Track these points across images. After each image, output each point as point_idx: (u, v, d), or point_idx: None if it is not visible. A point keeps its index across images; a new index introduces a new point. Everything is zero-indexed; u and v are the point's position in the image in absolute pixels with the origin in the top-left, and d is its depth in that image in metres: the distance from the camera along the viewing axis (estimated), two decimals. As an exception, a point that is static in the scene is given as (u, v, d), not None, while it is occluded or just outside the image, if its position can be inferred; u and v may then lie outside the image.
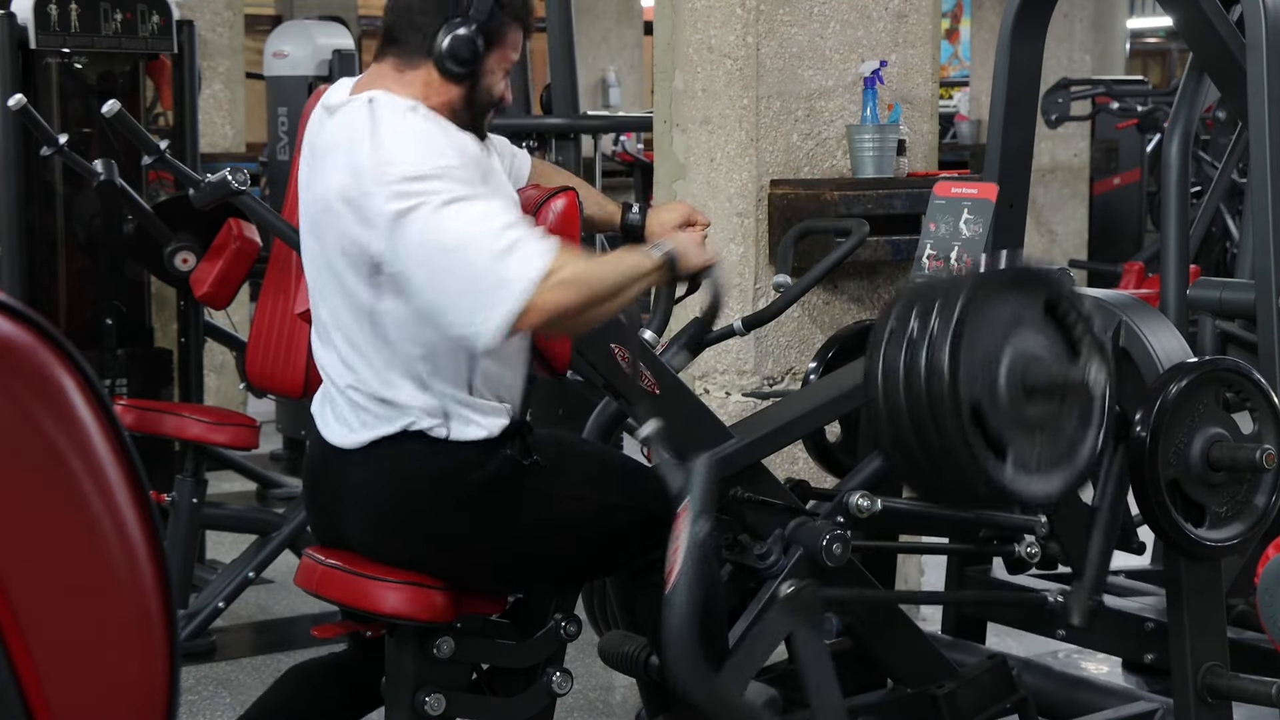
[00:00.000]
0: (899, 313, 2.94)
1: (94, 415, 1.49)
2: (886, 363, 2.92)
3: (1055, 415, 2.94)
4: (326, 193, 2.81)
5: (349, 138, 2.79)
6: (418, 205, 2.68)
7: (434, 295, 2.71)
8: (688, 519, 2.72)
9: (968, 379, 2.86)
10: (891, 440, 2.95)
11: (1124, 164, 11.17)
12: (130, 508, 1.50)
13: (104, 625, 1.50)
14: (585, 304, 2.73)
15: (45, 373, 1.47)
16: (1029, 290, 2.95)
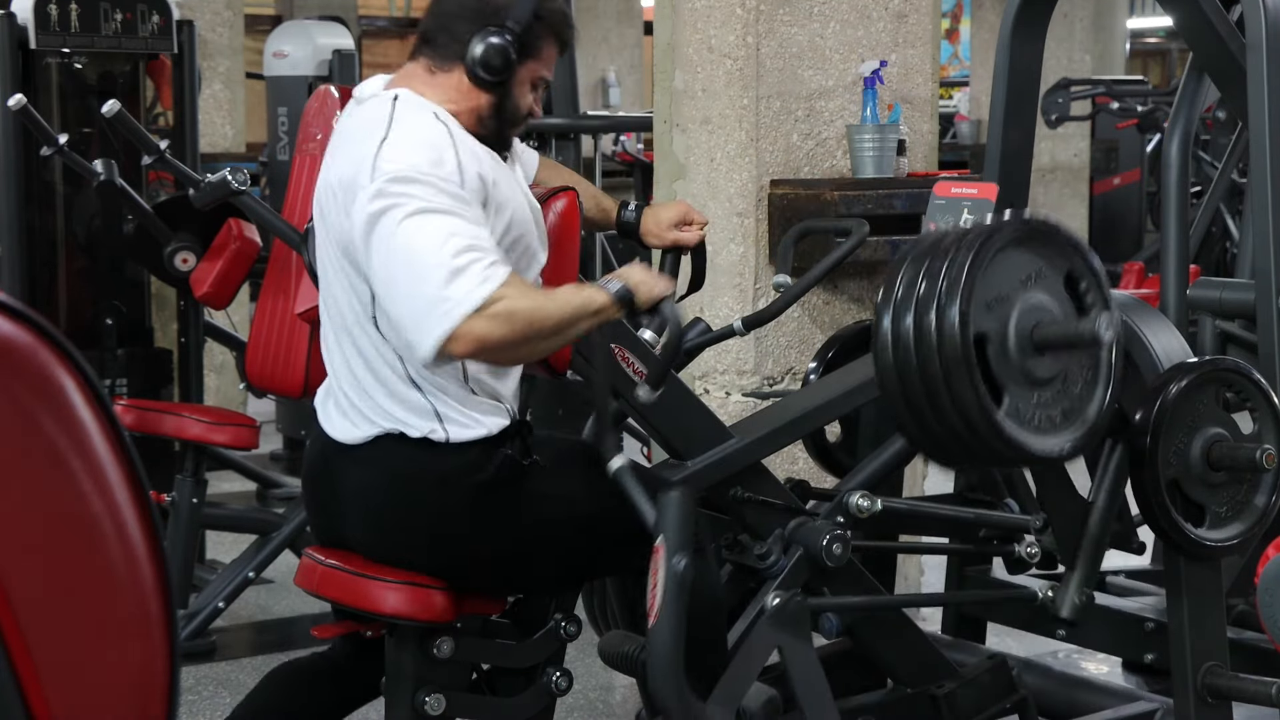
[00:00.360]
0: (917, 250, 2.93)
1: (94, 415, 1.49)
2: (900, 292, 2.89)
3: (1063, 372, 2.94)
4: (330, 179, 2.83)
5: (366, 130, 2.80)
6: (390, 208, 2.67)
7: (388, 300, 2.71)
8: (664, 556, 2.68)
9: (977, 311, 2.84)
10: (896, 376, 2.91)
11: (1124, 164, 11.17)
12: (130, 508, 1.50)
13: (104, 625, 1.50)
14: (518, 339, 2.68)
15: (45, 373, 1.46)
16: (1053, 251, 2.95)
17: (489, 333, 2.63)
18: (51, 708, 1.46)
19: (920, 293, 2.87)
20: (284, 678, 3.14)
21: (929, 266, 2.88)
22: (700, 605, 3.02)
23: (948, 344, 2.83)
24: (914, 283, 2.88)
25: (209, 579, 4.85)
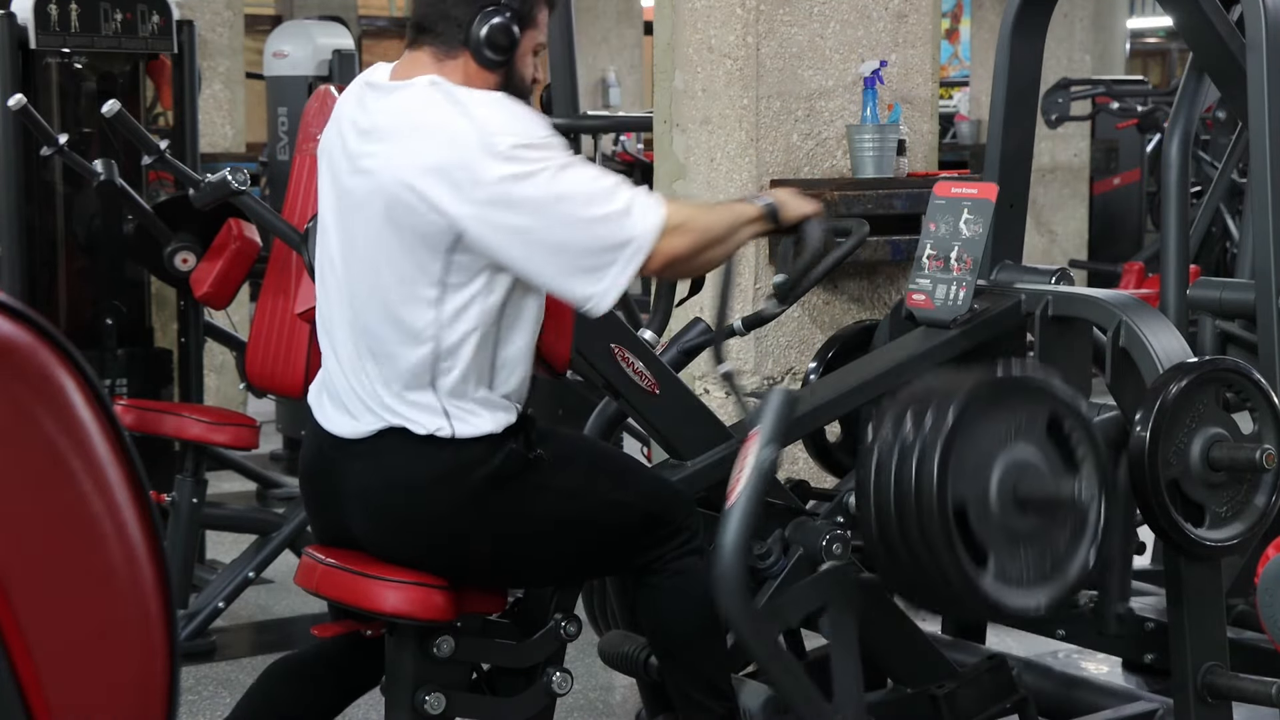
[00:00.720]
0: (896, 409, 2.96)
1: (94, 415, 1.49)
2: (879, 457, 2.94)
3: (1046, 529, 2.96)
4: (393, 174, 2.78)
5: (434, 116, 2.78)
6: (538, 170, 2.73)
7: (548, 256, 2.76)
8: (756, 444, 2.81)
9: (956, 479, 2.88)
10: (877, 536, 2.96)
11: (1124, 164, 11.16)
12: (130, 508, 1.50)
13: (104, 625, 1.50)
14: (698, 247, 2.87)
15: (45, 373, 1.47)
16: (1031, 401, 2.98)
17: (675, 248, 2.82)
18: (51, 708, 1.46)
19: (897, 465, 2.91)
20: (281, 674, 3.14)
21: (906, 437, 2.90)
22: (699, 605, 3.02)
23: (927, 519, 2.87)
24: (891, 450, 2.92)
25: (209, 579, 4.85)
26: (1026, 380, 2.99)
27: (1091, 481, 2.97)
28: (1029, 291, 3.57)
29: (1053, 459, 2.98)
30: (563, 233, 2.75)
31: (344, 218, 2.90)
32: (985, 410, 2.91)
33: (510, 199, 2.72)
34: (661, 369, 3.23)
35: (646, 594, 3.04)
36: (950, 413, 2.87)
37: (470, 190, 2.72)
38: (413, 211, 2.77)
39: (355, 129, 2.90)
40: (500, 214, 2.73)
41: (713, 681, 3.06)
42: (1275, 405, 3.33)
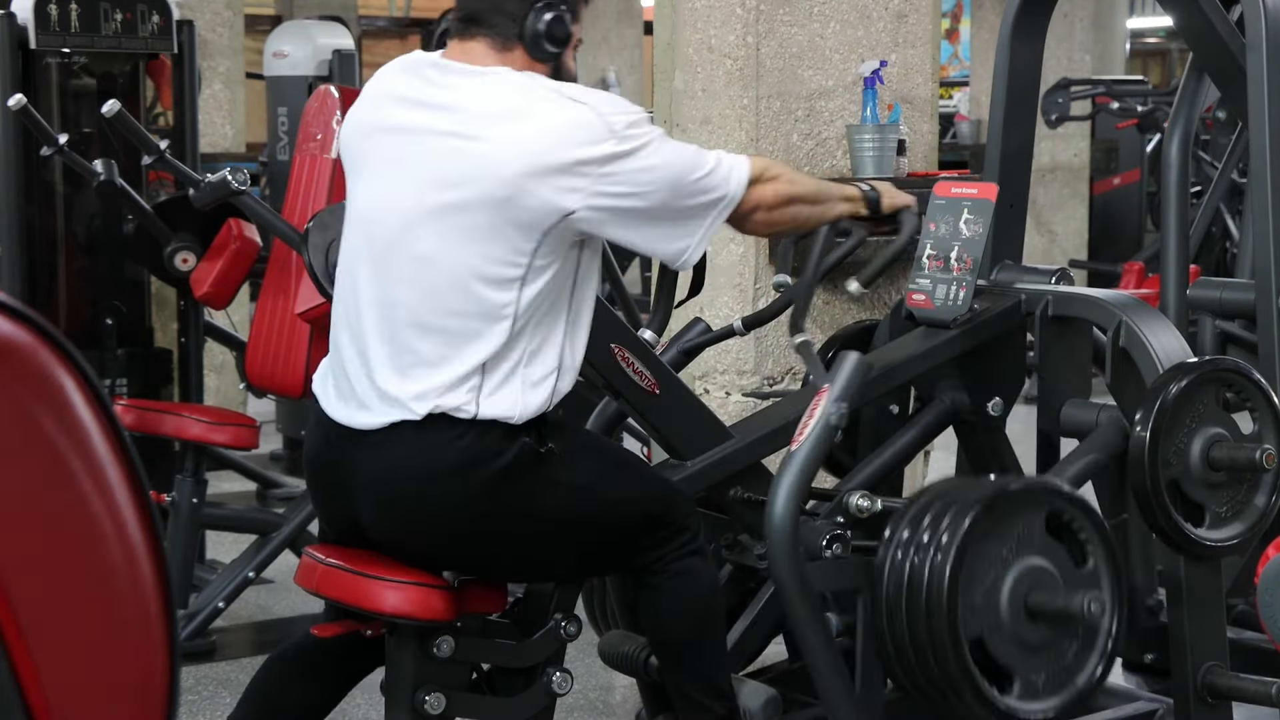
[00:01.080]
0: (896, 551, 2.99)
1: (94, 415, 1.49)
2: (889, 600, 2.98)
3: (1057, 639, 2.99)
4: (504, 162, 2.80)
5: (539, 110, 2.84)
6: (647, 143, 2.86)
7: (655, 222, 2.90)
8: (827, 398, 2.95)
9: (967, 615, 2.91)
10: (900, 670, 3.01)
11: (1124, 164, 11.16)
12: (130, 508, 1.50)
13: (104, 625, 1.50)
14: (786, 198, 3.08)
15: (45, 373, 1.46)
16: (1027, 508, 2.99)
17: (763, 195, 3.03)
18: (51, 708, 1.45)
19: (908, 613, 2.94)
20: (283, 664, 3.13)
21: (915, 581, 2.93)
22: (699, 606, 3.02)
23: (944, 662, 2.91)
24: (900, 597, 2.95)
25: (209, 579, 4.85)
26: (1018, 492, 3.01)
27: (1103, 582, 3.02)
28: (1029, 291, 3.57)
29: (1060, 558, 3.01)
30: (669, 197, 2.89)
31: (409, 196, 2.88)
32: (983, 539, 2.94)
33: (627, 175, 2.84)
34: (661, 369, 3.23)
35: (647, 595, 3.04)
36: (950, 558, 2.90)
37: (592, 174, 2.81)
38: (525, 198, 2.80)
39: (422, 106, 2.91)
40: (617, 191, 2.84)
41: (712, 682, 3.06)
42: (1275, 405, 3.34)
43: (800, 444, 2.96)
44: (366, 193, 2.98)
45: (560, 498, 2.91)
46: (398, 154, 2.92)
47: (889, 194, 3.31)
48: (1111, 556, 3.04)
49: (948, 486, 3.06)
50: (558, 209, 2.80)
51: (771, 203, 3.05)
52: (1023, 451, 3.77)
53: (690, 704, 3.06)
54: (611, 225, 2.88)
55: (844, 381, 2.98)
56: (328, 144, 4.59)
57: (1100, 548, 3.03)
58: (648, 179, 2.86)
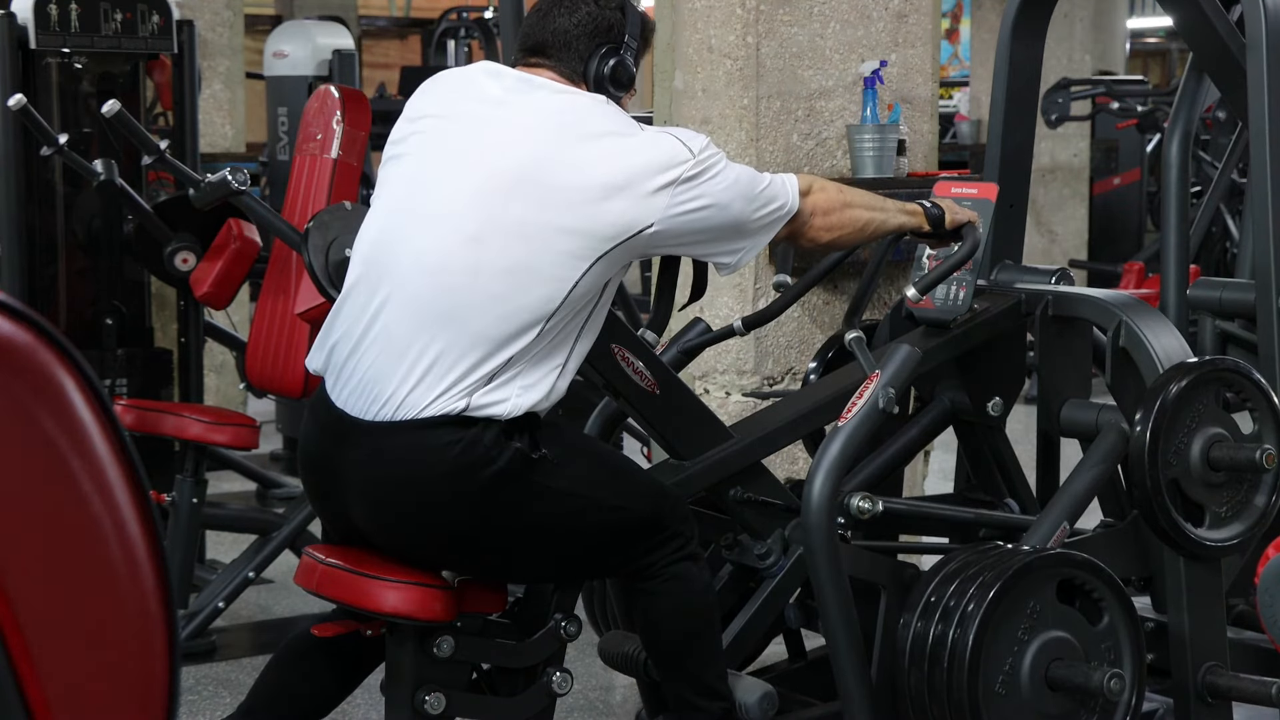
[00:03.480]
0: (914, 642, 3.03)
1: (94, 415, 1.48)
2: (911, 690, 3.03)
3: (1077, 709, 3.03)
4: (591, 178, 2.87)
5: (624, 133, 2.96)
6: (718, 163, 2.99)
7: (721, 233, 3.01)
8: (877, 384, 3.08)
9: (988, 705, 2.94)
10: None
11: (1124, 164, 11.16)
12: (130, 508, 1.50)
13: (104, 625, 1.49)
14: (840, 204, 3.15)
15: (45, 373, 1.46)
16: (1038, 581, 3.02)
17: (817, 202, 3.12)
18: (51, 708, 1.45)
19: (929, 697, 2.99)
20: (298, 651, 3.14)
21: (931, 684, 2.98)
22: (693, 610, 3.03)
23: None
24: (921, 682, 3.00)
25: (209, 579, 4.85)
26: (1026, 571, 3.01)
27: (1120, 646, 3.05)
28: (1029, 291, 3.57)
29: (1076, 623, 3.04)
30: (742, 209, 3.01)
31: (477, 190, 2.89)
32: (998, 625, 2.96)
33: (706, 192, 2.95)
34: (661, 369, 3.23)
35: (641, 599, 3.04)
36: (966, 653, 2.93)
37: (671, 192, 2.90)
38: (604, 209, 2.86)
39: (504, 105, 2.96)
40: (695, 206, 2.94)
41: (708, 683, 3.06)
42: (1275, 405, 3.34)
43: (847, 421, 3.05)
44: (414, 180, 2.97)
45: (552, 503, 2.91)
46: (462, 145, 2.94)
47: (951, 210, 3.34)
48: (1128, 612, 3.07)
49: (952, 569, 3.06)
50: (635, 223, 2.88)
51: (827, 208, 3.13)
52: (1023, 451, 3.77)
53: (686, 705, 3.07)
54: (685, 241, 2.99)
55: (895, 368, 3.09)
56: (328, 144, 4.59)
57: (1116, 605, 3.06)
58: (722, 195, 2.97)
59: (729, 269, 3.12)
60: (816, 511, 3.00)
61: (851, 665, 3.05)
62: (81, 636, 1.48)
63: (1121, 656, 3.05)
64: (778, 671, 3.60)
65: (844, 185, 3.27)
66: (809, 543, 3.02)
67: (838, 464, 3.03)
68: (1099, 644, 3.05)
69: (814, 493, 3.00)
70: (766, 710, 3.12)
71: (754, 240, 3.07)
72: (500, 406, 2.83)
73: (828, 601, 3.02)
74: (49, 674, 1.46)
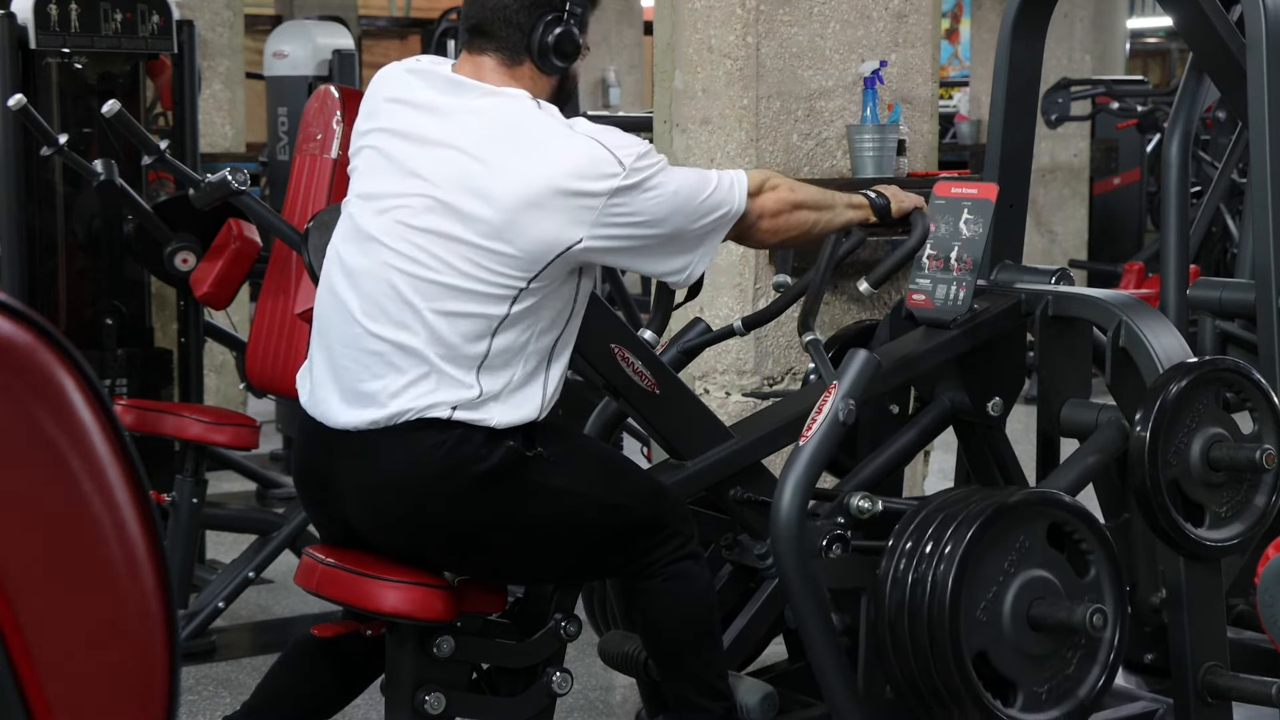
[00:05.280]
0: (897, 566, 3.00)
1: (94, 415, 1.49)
2: (891, 615, 2.99)
3: (1059, 649, 3.01)
4: (511, 191, 2.81)
5: (550, 143, 2.85)
6: (655, 174, 2.90)
7: (662, 246, 2.94)
8: (835, 395, 3.01)
9: (970, 630, 2.92)
10: (902, 682, 3.02)
11: (1124, 164, 11.16)
12: (130, 508, 1.50)
13: (104, 625, 1.49)
14: (790, 204, 3.12)
15: (45, 373, 1.46)
16: (1026, 518, 3.00)
17: (765, 205, 3.07)
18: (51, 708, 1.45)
19: (910, 631, 2.95)
20: (308, 649, 3.14)
21: (911, 603, 2.95)
22: (693, 610, 3.02)
23: (947, 676, 2.91)
24: (902, 604, 2.97)
25: (209, 579, 4.85)
26: (1018, 505, 3.01)
27: (1105, 594, 3.02)
28: (1029, 291, 3.57)
29: (1062, 569, 3.02)
30: (680, 223, 2.94)
31: (406, 202, 2.88)
32: (985, 552, 2.94)
33: (638, 206, 2.86)
34: (661, 369, 3.23)
35: (640, 598, 3.04)
36: (951, 569, 2.91)
37: (599, 207, 2.82)
38: (528, 226, 2.81)
39: (434, 114, 2.92)
40: (627, 221, 2.86)
41: (708, 683, 3.06)
42: (1275, 405, 3.33)
43: (809, 439, 2.99)
44: (360, 193, 2.98)
45: (549, 502, 2.91)
46: (399, 158, 2.92)
47: (897, 197, 3.33)
48: (1114, 566, 3.04)
49: (947, 499, 3.06)
50: (562, 240, 2.82)
51: (774, 210, 3.09)
52: (1023, 451, 3.77)
53: (687, 705, 3.07)
54: (619, 254, 2.92)
55: (853, 378, 3.02)
56: (328, 144, 4.59)
57: (1102, 557, 3.03)
58: (658, 209, 2.90)
59: (678, 284, 3.07)
60: (786, 534, 2.94)
61: (835, 678, 3.03)
62: (81, 636, 1.48)
63: (1105, 605, 3.03)
64: (778, 671, 3.60)
65: (796, 183, 3.23)
66: (781, 564, 2.98)
67: (804, 483, 2.97)
68: (1083, 595, 3.02)
69: (782, 514, 2.95)
70: (767, 711, 3.12)
71: (698, 251, 2.99)
72: (488, 422, 2.84)
73: (806, 621, 3.01)
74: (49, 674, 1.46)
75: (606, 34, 13.59)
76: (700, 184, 2.97)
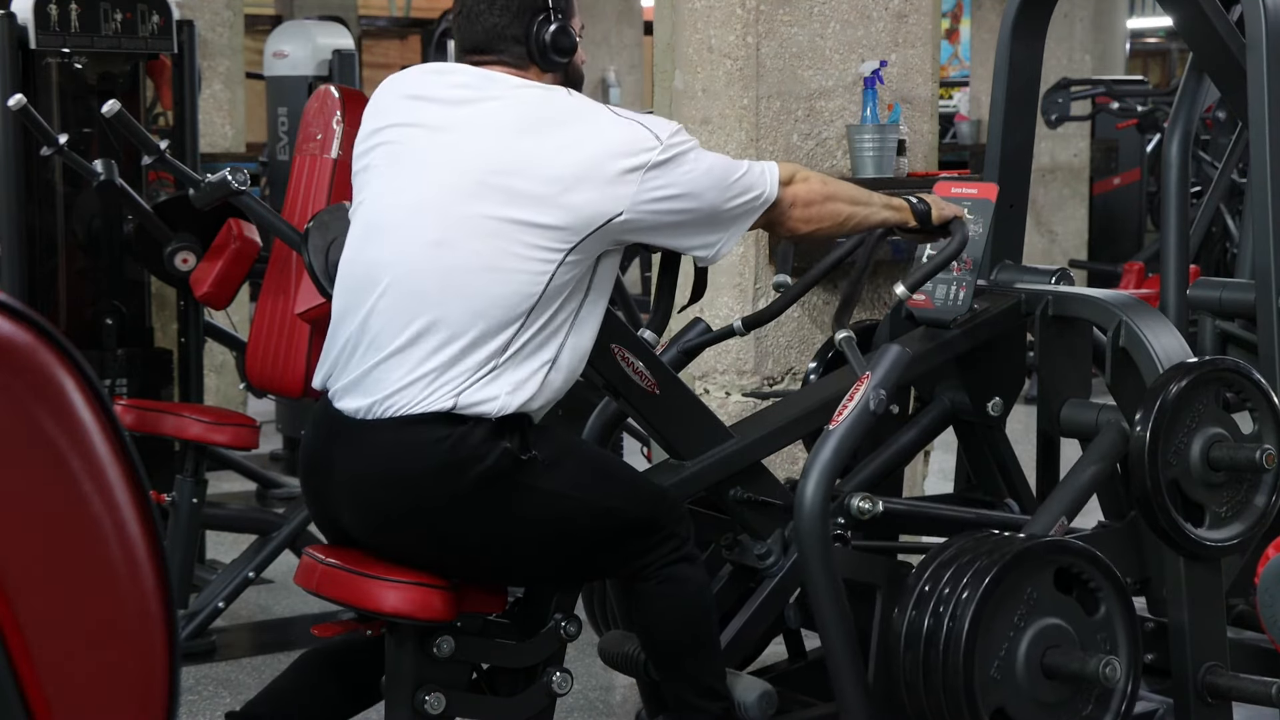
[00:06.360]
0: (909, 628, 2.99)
1: (94, 415, 1.49)
2: (907, 673, 2.99)
3: (1073, 698, 3.01)
4: (551, 169, 2.86)
5: (576, 115, 2.93)
6: (690, 150, 2.95)
7: (698, 221, 2.98)
8: (868, 385, 3.06)
9: (984, 690, 2.92)
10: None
11: (1124, 164, 11.16)
12: (130, 508, 1.50)
13: (104, 625, 1.50)
14: (823, 196, 3.12)
15: (45, 373, 1.46)
16: (1033, 568, 3.00)
17: (798, 193, 3.09)
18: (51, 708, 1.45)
19: (925, 678, 2.95)
20: (314, 663, 3.14)
21: (926, 665, 2.94)
22: (690, 611, 3.02)
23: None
24: (917, 665, 2.96)
25: (209, 579, 4.85)
26: (1018, 559, 3.00)
27: (1117, 637, 3.03)
28: (1029, 291, 3.57)
29: (1073, 613, 3.02)
30: (714, 198, 2.98)
31: (443, 187, 2.90)
32: (995, 612, 2.94)
33: (675, 179, 2.92)
34: (661, 369, 3.23)
35: (637, 600, 3.04)
36: (963, 634, 2.91)
37: (638, 180, 2.88)
38: (571, 198, 2.86)
39: (462, 103, 2.95)
40: (665, 194, 2.91)
41: (706, 684, 3.06)
42: (1275, 405, 3.33)
43: (838, 424, 3.03)
44: (380, 188, 2.98)
45: (542, 505, 2.91)
46: (423, 150, 2.94)
47: (938, 206, 3.32)
48: (1124, 600, 3.06)
49: (958, 550, 3.05)
50: (604, 213, 2.87)
51: (807, 199, 3.10)
52: (1023, 451, 3.77)
53: (685, 706, 3.06)
54: (657, 229, 2.96)
55: (885, 369, 3.07)
56: (328, 144, 4.59)
57: (1111, 593, 3.04)
58: (693, 184, 2.94)
59: (706, 261, 3.10)
60: (809, 516, 2.99)
61: (847, 668, 3.05)
62: (81, 636, 1.48)
63: (1117, 647, 3.04)
64: (778, 671, 3.60)
65: (829, 178, 3.25)
66: (802, 547, 3.01)
67: (830, 467, 3.02)
68: (1095, 634, 3.03)
69: (807, 497, 2.99)
70: (765, 709, 3.12)
71: (730, 230, 3.04)
72: (489, 405, 2.84)
73: (822, 606, 3.02)
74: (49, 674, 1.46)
75: (606, 34, 13.58)
76: (733, 166, 3.03)
